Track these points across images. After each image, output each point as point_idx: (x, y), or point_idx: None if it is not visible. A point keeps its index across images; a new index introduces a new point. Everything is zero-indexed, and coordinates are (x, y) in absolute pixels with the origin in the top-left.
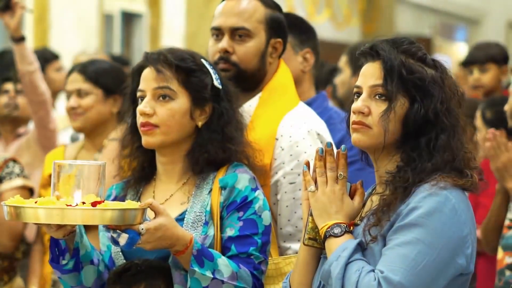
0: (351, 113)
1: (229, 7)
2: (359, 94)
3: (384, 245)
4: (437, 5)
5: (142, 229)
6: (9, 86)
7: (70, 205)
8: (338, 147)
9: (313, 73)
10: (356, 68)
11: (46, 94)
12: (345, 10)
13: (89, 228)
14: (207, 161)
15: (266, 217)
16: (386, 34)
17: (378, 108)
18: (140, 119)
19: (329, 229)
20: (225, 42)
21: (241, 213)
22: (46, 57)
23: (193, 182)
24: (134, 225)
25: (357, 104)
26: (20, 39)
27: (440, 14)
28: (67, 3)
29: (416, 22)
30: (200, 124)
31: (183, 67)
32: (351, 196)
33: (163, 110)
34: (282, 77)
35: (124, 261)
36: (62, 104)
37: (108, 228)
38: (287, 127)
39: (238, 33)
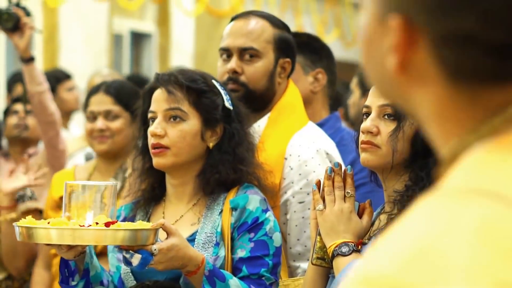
0: (360, 133)
1: (237, 28)
2: (368, 114)
3: None
4: None
5: (155, 249)
6: (18, 106)
7: (83, 226)
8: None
9: (327, 93)
10: (364, 90)
11: (56, 114)
12: (354, 30)
13: (98, 251)
14: (218, 181)
15: (277, 238)
16: None
17: (387, 127)
18: (151, 140)
19: (337, 248)
20: (233, 63)
21: (252, 234)
22: (58, 77)
23: (204, 203)
24: (146, 245)
25: (366, 124)
26: (29, 60)
27: None
28: (76, 23)
29: None
30: (211, 145)
31: (194, 88)
32: (360, 215)
33: (174, 132)
34: (291, 97)
35: (134, 282)
36: (76, 124)
37: (120, 248)
38: (296, 146)
39: (247, 54)
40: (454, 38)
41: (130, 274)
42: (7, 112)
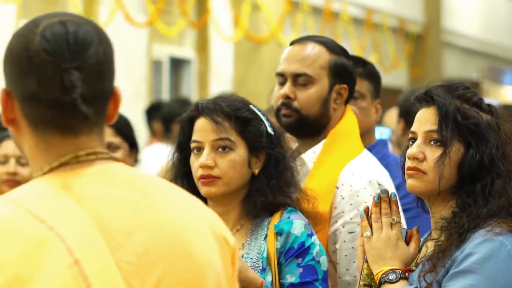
0: (406, 159)
1: (293, 53)
2: (414, 139)
3: None
4: (485, 49)
5: None
6: None
7: None
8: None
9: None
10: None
11: None
12: (392, 55)
13: None
14: (264, 205)
15: (324, 262)
16: (433, 78)
17: (433, 153)
18: (199, 171)
19: (384, 275)
20: (287, 88)
21: (300, 260)
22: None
23: (247, 227)
24: None
25: (412, 150)
26: None
27: (487, 57)
28: (116, 50)
29: (464, 66)
30: (256, 171)
31: (239, 116)
32: (407, 242)
33: (225, 162)
34: (348, 124)
35: None
36: None
37: None
38: (348, 176)
39: (300, 79)
40: (26, 98)
41: None
42: None
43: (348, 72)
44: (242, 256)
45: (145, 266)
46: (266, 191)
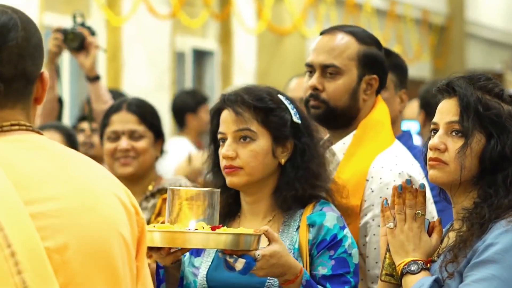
0: (428, 150)
1: (321, 44)
2: (435, 130)
3: (461, 281)
4: (509, 40)
5: (258, 255)
6: (85, 125)
7: (189, 229)
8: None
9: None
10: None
11: None
12: (415, 46)
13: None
14: (295, 198)
15: (355, 255)
16: (456, 70)
17: (454, 144)
18: (223, 162)
19: (406, 266)
20: (315, 79)
21: (332, 252)
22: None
23: (280, 219)
24: (250, 250)
25: (433, 141)
26: (94, 78)
27: (511, 48)
28: (139, 42)
29: (487, 57)
30: (282, 161)
31: (261, 107)
32: (429, 233)
33: (246, 152)
34: (379, 114)
35: None
36: None
37: (224, 253)
38: (378, 168)
39: (328, 71)
40: None
41: None
42: (74, 130)
43: (379, 62)
44: None
45: (58, 220)
46: (295, 184)
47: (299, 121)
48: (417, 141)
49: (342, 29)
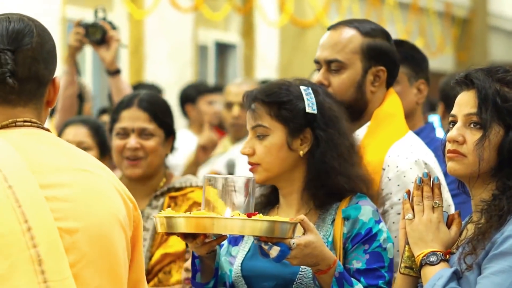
0: (447, 142)
1: (326, 39)
2: (454, 122)
3: (479, 273)
4: None
5: (293, 243)
6: (106, 118)
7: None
8: (446, 178)
9: (424, 103)
10: (447, 102)
11: None
12: (438, 39)
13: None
14: (326, 195)
15: (390, 250)
16: (479, 62)
17: (473, 136)
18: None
19: (425, 257)
20: (320, 75)
21: (366, 246)
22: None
23: (316, 212)
24: (285, 238)
25: (452, 133)
26: (115, 72)
27: None
28: (162, 36)
29: (510, 49)
30: (301, 153)
31: (272, 101)
32: (448, 225)
33: (260, 148)
34: (391, 106)
35: (245, 286)
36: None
37: (259, 240)
38: (393, 157)
39: (333, 66)
40: None
41: (241, 278)
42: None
43: (385, 53)
44: None
45: (69, 204)
46: (320, 177)
47: (313, 112)
48: (440, 133)
49: (347, 23)
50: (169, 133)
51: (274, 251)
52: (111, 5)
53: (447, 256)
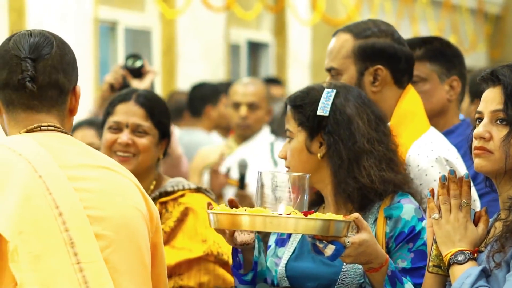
0: (473, 139)
1: (328, 48)
2: (480, 119)
3: (508, 271)
4: None
5: (348, 242)
6: None
7: (281, 214)
8: (474, 175)
9: (459, 99)
10: (474, 96)
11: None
12: (471, 36)
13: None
14: (360, 195)
15: None
16: None
17: (499, 133)
18: None
19: (453, 256)
20: None
21: (411, 245)
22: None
23: (358, 211)
24: (340, 237)
25: (478, 130)
26: None
27: None
28: (194, 34)
29: None
30: (319, 156)
31: (293, 105)
32: (476, 223)
33: (288, 152)
34: (409, 104)
35: (288, 286)
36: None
37: (314, 238)
38: (414, 156)
39: (332, 73)
40: (2, 86)
41: (285, 278)
42: None
43: (380, 51)
44: None
45: (96, 195)
46: (343, 179)
47: (324, 114)
48: None
49: (345, 28)
50: (164, 135)
51: (329, 249)
52: (143, 5)
53: (475, 254)
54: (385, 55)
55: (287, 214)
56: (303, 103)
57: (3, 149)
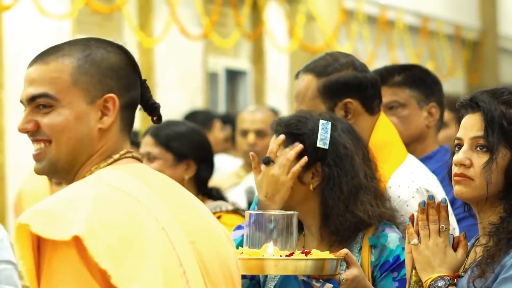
0: (453, 165)
1: (294, 92)
2: (460, 146)
3: None
4: None
5: (343, 279)
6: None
7: (280, 256)
8: (452, 200)
9: (437, 126)
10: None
11: None
12: (449, 62)
13: None
14: (345, 230)
15: None
16: (490, 85)
17: (479, 159)
18: None
19: (432, 282)
20: None
21: (395, 274)
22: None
23: (340, 245)
24: (335, 275)
25: (458, 156)
26: None
27: None
28: (172, 63)
29: None
30: (311, 187)
31: (289, 133)
32: (454, 248)
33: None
34: (384, 134)
35: None
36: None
37: (309, 277)
38: (395, 187)
39: None
40: (128, 105)
41: None
42: None
43: (345, 84)
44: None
45: (199, 237)
46: (333, 212)
47: (324, 147)
48: None
49: (305, 69)
50: (181, 157)
51: None
52: (121, 34)
53: (455, 280)
54: (351, 87)
55: (287, 255)
56: (301, 132)
57: (114, 192)
